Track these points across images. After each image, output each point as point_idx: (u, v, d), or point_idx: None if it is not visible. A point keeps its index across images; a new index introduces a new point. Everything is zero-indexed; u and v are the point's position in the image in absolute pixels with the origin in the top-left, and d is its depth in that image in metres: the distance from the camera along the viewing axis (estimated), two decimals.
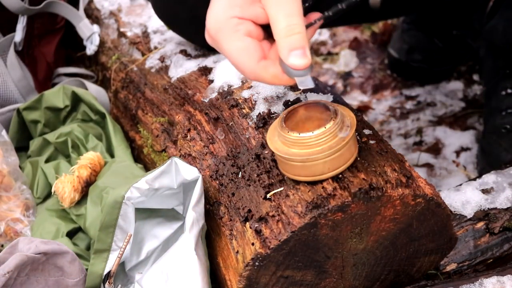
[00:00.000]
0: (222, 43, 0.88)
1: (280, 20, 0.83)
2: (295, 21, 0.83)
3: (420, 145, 1.74)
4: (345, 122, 0.90)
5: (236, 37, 0.87)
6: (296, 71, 0.84)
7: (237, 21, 0.87)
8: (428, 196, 0.93)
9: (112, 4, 1.64)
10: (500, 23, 1.61)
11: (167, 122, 1.23)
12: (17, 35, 1.49)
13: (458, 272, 1.11)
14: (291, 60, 0.83)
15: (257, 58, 0.86)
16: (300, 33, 0.83)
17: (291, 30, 0.83)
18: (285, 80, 0.86)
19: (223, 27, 0.87)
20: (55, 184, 1.24)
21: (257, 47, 0.87)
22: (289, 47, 0.83)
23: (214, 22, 0.88)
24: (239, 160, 1.01)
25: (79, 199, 1.24)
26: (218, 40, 0.88)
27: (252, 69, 0.86)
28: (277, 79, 0.86)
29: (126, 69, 1.44)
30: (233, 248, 0.96)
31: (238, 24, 0.87)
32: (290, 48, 0.83)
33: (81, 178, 1.23)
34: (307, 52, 0.83)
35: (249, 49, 0.86)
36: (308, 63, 0.83)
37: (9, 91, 1.47)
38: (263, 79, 0.87)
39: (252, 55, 0.86)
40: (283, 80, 0.86)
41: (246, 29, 0.87)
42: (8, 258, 0.97)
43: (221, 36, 0.87)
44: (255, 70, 0.86)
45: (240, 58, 0.87)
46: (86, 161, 1.25)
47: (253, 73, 0.87)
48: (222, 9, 0.88)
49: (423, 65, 1.89)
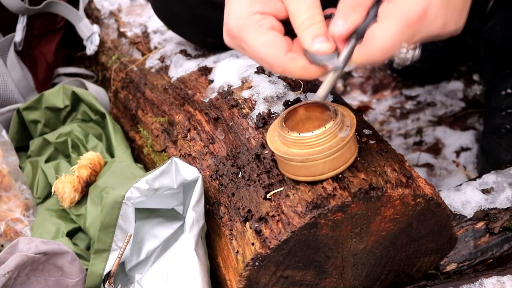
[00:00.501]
0: (247, 40, 0.88)
1: (301, 13, 0.85)
2: (315, 12, 0.85)
3: (420, 145, 1.74)
4: (345, 122, 0.90)
5: (261, 31, 0.87)
6: (323, 57, 0.85)
7: (260, 16, 0.88)
8: (428, 196, 0.93)
9: (112, 4, 1.64)
10: (498, 23, 1.62)
11: (167, 122, 1.23)
12: (17, 35, 1.49)
13: (458, 272, 1.11)
14: (316, 46, 0.84)
15: (285, 50, 0.87)
16: (321, 21, 0.85)
17: (312, 20, 0.85)
18: (314, 71, 0.87)
19: (246, 24, 0.88)
20: (55, 184, 1.24)
21: (283, 39, 0.88)
22: (311, 35, 0.85)
23: (236, 20, 0.89)
24: (239, 160, 1.01)
25: (79, 199, 1.24)
26: (242, 37, 0.88)
27: (281, 61, 0.87)
28: (306, 71, 0.87)
29: (126, 69, 1.44)
30: (233, 248, 0.96)
31: (261, 19, 0.88)
32: (313, 36, 0.84)
33: (81, 178, 1.23)
34: (330, 38, 0.85)
35: (275, 42, 0.87)
36: (333, 46, 0.85)
37: (9, 91, 1.47)
38: (292, 71, 0.88)
39: (279, 47, 0.87)
40: (311, 71, 0.87)
41: (269, 24, 0.88)
42: (8, 258, 0.97)
43: (245, 33, 0.88)
44: (283, 62, 0.87)
45: (268, 51, 0.87)
46: (86, 161, 1.25)
47: (282, 66, 0.87)
48: (243, 7, 0.88)
49: (423, 65, 1.89)
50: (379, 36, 0.82)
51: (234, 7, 0.89)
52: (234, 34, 0.89)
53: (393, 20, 0.82)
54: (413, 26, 0.82)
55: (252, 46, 0.88)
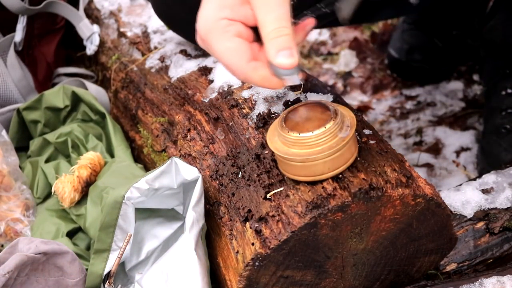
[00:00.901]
0: (212, 44, 0.88)
1: (268, 23, 0.85)
2: (283, 24, 0.85)
3: (420, 145, 1.74)
4: (345, 122, 0.90)
5: (226, 37, 0.87)
6: (284, 71, 0.85)
7: (227, 22, 0.88)
8: (428, 196, 0.93)
9: (112, 4, 1.64)
10: (500, 23, 1.62)
11: (167, 122, 1.23)
12: (17, 35, 1.49)
13: (458, 272, 1.11)
14: (279, 60, 0.84)
15: (247, 58, 0.87)
16: (288, 35, 0.85)
17: (279, 32, 0.84)
18: (274, 83, 0.87)
19: (213, 28, 0.88)
20: (55, 184, 1.24)
21: (247, 47, 0.88)
22: (276, 48, 0.84)
23: (204, 23, 0.89)
24: (239, 160, 1.01)
25: (79, 199, 1.24)
26: (208, 41, 0.89)
27: (242, 69, 0.87)
28: (266, 81, 0.87)
29: (126, 69, 1.44)
30: (233, 248, 0.96)
31: (228, 25, 0.88)
32: (278, 49, 0.84)
33: (81, 178, 1.23)
34: (293, 52, 0.85)
35: (239, 50, 0.87)
36: (295, 63, 0.85)
37: (9, 91, 1.47)
38: (253, 80, 0.88)
39: (242, 55, 0.87)
40: (272, 83, 0.87)
41: (236, 30, 0.88)
42: (8, 258, 0.97)
43: (211, 38, 0.88)
44: (245, 70, 0.87)
45: (230, 58, 0.87)
46: (86, 161, 1.25)
47: (243, 74, 0.88)
48: (212, 11, 0.88)
49: (423, 65, 1.89)
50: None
51: (204, 10, 0.89)
52: (201, 37, 0.90)
53: None
54: None
55: (216, 51, 0.88)
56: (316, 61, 2.11)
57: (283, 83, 0.87)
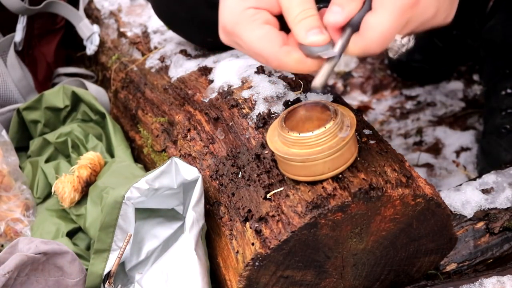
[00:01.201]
0: (241, 35, 0.87)
1: (294, 7, 0.85)
2: (308, 6, 0.85)
3: (420, 145, 1.74)
4: (345, 122, 0.90)
5: (255, 26, 0.87)
6: (318, 48, 0.84)
7: (253, 11, 0.87)
8: (428, 196, 0.93)
9: (112, 4, 1.64)
10: (499, 23, 1.62)
11: (167, 122, 1.23)
12: (17, 35, 1.49)
13: (458, 272, 1.11)
14: (310, 38, 0.84)
15: (279, 43, 0.86)
16: (314, 15, 0.85)
17: (305, 14, 0.84)
18: (309, 64, 0.86)
19: (240, 19, 0.87)
20: (55, 184, 1.24)
21: (277, 33, 0.87)
22: (305, 29, 0.84)
23: (230, 16, 0.88)
24: (239, 160, 1.01)
25: (79, 199, 1.24)
26: (236, 33, 0.88)
27: (276, 55, 0.86)
28: (301, 64, 0.86)
29: (126, 69, 1.44)
30: (233, 248, 0.96)
31: (255, 14, 0.87)
32: (307, 29, 0.84)
33: (81, 178, 1.23)
34: (323, 30, 0.84)
35: (270, 35, 0.86)
36: (327, 38, 0.84)
37: (9, 91, 1.47)
38: (287, 65, 0.87)
39: (274, 41, 0.86)
40: (307, 64, 0.86)
41: (264, 18, 0.87)
42: (8, 258, 0.97)
43: (240, 28, 0.87)
44: (278, 56, 0.86)
45: (262, 45, 0.86)
46: (86, 161, 1.25)
47: (277, 59, 0.87)
48: (236, 2, 0.88)
49: (423, 65, 1.89)
50: (376, 25, 0.82)
51: (227, 3, 0.89)
52: (229, 30, 0.89)
53: (387, 8, 0.82)
54: (407, 13, 0.82)
55: (247, 41, 0.87)
56: None
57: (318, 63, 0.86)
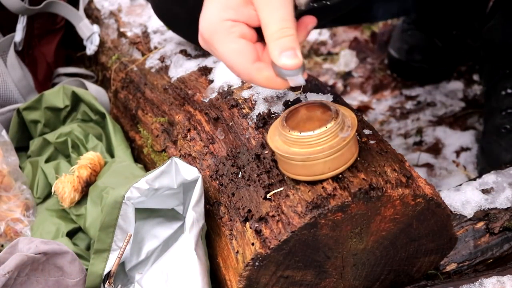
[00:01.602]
0: (216, 46, 0.88)
1: (272, 24, 0.85)
2: (286, 25, 0.85)
3: (420, 145, 1.74)
4: (346, 123, 0.90)
5: (230, 39, 0.87)
6: (287, 71, 0.85)
7: (231, 23, 0.88)
8: (428, 196, 0.93)
9: (112, 4, 1.64)
10: (499, 23, 1.62)
11: (167, 122, 1.23)
12: (17, 35, 1.49)
13: (458, 272, 1.11)
14: (282, 61, 0.84)
15: (252, 59, 0.87)
16: (291, 35, 0.85)
17: (282, 33, 0.84)
18: (278, 83, 0.87)
19: (217, 29, 0.88)
20: (55, 184, 1.24)
21: (251, 48, 0.88)
22: (280, 48, 0.84)
23: (207, 25, 0.89)
24: (239, 160, 1.01)
25: (79, 199, 1.24)
26: (212, 43, 0.89)
27: (247, 70, 0.87)
28: (270, 82, 0.88)
29: (126, 69, 1.44)
30: (233, 248, 0.96)
31: (232, 27, 0.88)
32: (281, 49, 0.84)
33: (81, 178, 1.23)
34: (297, 53, 0.85)
35: (243, 51, 0.87)
36: (299, 63, 0.85)
37: (9, 91, 1.47)
38: (257, 81, 0.88)
39: (247, 56, 0.87)
40: (276, 83, 0.87)
41: (240, 31, 0.88)
42: (8, 258, 0.97)
43: (216, 39, 0.88)
44: (249, 71, 0.87)
45: (234, 59, 0.88)
46: (86, 161, 1.25)
47: (248, 75, 0.88)
48: (215, 12, 0.88)
49: (423, 65, 1.89)
50: None
51: (207, 10, 0.89)
52: (205, 38, 0.89)
53: None
54: None
55: (221, 53, 0.88)
56: (316, 61, 2.11)
57: (288, 83, 0.87)
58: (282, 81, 0.87)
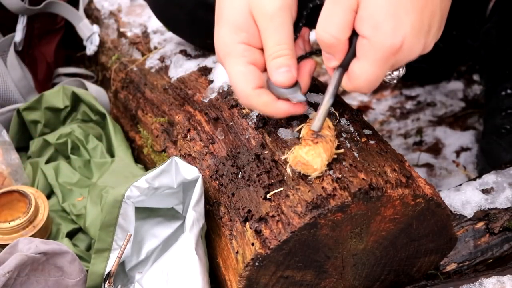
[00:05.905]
0: (226, 65, 0.92)
1: (270, 45, 0.89)
2: (283, 47, 0.89)
3: (420, 145, 1.74)
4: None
5: (240, 62, 0.91)
6: (284, 90, 0.89)
7: (245, 47, 0.91)
8: (428, 196, 0.93)
9: (112, 4, 1.64)
10: (494, 27, 1.62)
11: (167, 122, 1.23)
12: (17, 35, 1.49)
13: (458, 272, 1.11)
14: (275, 77, 0.88)
15: (254, 85, 0.90)
16: (286, 54, 0.89)
17: (279, 53, 0.88)
18: (275, 109, 0.91)
19: (231, 52, 0.91)
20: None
21: (257, 75, 0.91)
22: (275, 66, 0.88)
23: (223, 46, 0.92)
24: (239, 160, 1.01)
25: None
26: (224, 62, 0.93)
27: (247, 94, 0.91)
28: (267, 107, 0.91)
29: (126, 69, 1.44)
30: (233, 248, 0.96)
31: (245, 51, 0.91)
32: (276, 66, 0.88)
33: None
34: (292, 69, 0.88)
35: (248, 76, 0.90)
36: (292, 79, 0.89)
37: (9, 91, 1.47)
38: (255, 105, 0.92)
39: (250, 81, 0.90)
40: (273, 108, 0.91)
41: (251, 57, 0.91)
42: (8, 258, 0.97)
43: (227, 60, 0.92)
44: (248, 95, 0.91)
45: (238, 82, 0.91)
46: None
47: (246, 98, 0.91)
48: (229, 34, 0.91)
49: (423, 65, 1.89)
50: (360, 73, 0.85)
51: (221, 31, 0.92)
52: (220, 57, 0.93)
53: (369, 58, 0.83)
54: (389, 61, 0.84)
55: (228, 73, 0.92)
56: (316, 61, 2.11)
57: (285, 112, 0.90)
58: (279, 107, 0.90)
